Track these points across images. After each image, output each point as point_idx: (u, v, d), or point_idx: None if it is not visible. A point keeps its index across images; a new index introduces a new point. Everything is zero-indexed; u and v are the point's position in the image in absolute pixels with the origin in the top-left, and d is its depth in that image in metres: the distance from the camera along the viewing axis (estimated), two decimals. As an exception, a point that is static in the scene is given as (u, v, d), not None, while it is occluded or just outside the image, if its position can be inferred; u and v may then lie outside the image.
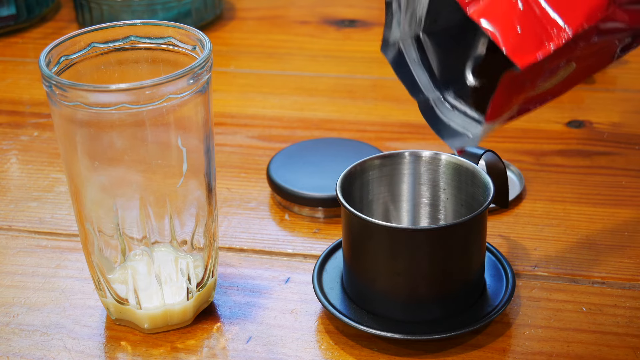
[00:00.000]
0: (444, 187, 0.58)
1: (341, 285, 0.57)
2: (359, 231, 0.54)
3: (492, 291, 0.56)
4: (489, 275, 0.57)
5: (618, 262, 0.60)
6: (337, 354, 0.54)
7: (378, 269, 0.54)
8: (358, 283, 0.55)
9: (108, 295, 0.55)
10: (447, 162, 0.57)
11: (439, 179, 0.58)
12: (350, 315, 0.54)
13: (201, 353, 0.54)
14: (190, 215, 0.54)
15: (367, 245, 0.53)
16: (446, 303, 0.54)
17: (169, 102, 0.50)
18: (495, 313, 0.54)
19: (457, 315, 0.54)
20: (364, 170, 0.57)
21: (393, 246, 0.53)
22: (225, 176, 0.71)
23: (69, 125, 0.51)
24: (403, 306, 0.54)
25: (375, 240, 0.53)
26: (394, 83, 0.86)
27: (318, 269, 0.58)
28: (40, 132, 0.79)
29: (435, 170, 0.58)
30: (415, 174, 0.58)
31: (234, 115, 0.81)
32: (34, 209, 0.69)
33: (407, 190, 0.59)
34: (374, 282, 0.54)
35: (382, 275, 0.54)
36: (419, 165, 0.58)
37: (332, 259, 0.59)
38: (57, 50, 0.52)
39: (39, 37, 0.98)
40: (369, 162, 0.57)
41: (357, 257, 0.54)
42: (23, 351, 0.55)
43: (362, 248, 0.54)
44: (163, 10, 0.93)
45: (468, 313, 0.54)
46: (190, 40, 0.54)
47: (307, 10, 1.03)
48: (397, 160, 0.58)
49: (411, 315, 0.54)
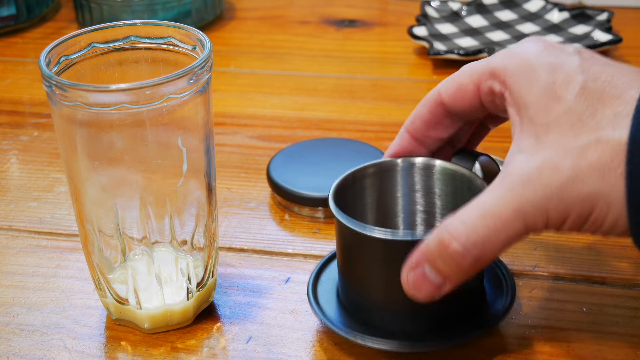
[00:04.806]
0: (439, 194, 0.57)
1: (337, 296, 0.56)
2: (352, 242, 0.53)
3: (492, 299, 0.55)
4: (487, 282, 0.56)
5: (618, 262, 0.60)
6: (337, 354, 0.54)
7: (373, 280, 0.53)
8: (353, 294, 0.54)
9: (108, 295, 0.55)
10: (441, 168, 0.56)
11: (434, 185, 0.57)
12: (347, 327, 0.53)
13: (201, 353, 0.54)
14: (190, 215, 0.55)
15: (361, 256, 0.52)
16: (443, 313, 0.53)
17: (169, 102, 0.50)
18: (494, 322, 0.53)
19: (456, 325, 0.53)
20: (356, 179, 0.56)
21: (388, 257, 0.52)
22: (225, 176, 0.71)
23: (69, 125, 0.51)
24: (399, 317, 0.53)
25: (369, 251, 0.52)
26: (394, 83, 0.86)
27: (313, 281, 0.57)
28: (40, 132, 0.79)
29: (430, 177, 0.56)
30: (410, 181, 0.57)
31: (234, 115, 0.81)
32: (34, 209, 0.69)
33: (402, 198, 0.58)
34: (369, 293, 0.53)
35: (378, 286, 0.53)
36: (413, 172, 0.57)
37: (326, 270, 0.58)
38: (57, 50, 0.52)
39: (39, 37, 0.98)
40: (362, 171, 0.56)
41: (351, 269, 0.54)
42: (23, 351, 0.55)
43: (356, 259, 0.53)
44: (163, 10, 0.93)
45: (467, 322, 0.53)
46: (190, 40, 0.54)
47: (307, 10, 1.03)
48: (391, 167, 0.57)
49: (409, 326, 0.53)
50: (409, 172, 0.57)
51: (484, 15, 0.97)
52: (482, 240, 0.46)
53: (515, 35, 0.93)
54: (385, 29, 0.99)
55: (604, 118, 0.46)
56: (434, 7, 0.97)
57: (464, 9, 0.97)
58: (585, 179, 0.45)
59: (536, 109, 0.47)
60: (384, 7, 1.04)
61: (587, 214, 0.46)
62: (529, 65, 0.48)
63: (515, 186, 0.46)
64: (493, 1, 0.99)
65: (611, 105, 0.46)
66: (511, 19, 0.96)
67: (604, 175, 0.45)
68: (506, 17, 0.97)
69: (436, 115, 0.54)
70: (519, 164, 0.47)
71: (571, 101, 0.47)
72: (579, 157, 0.45)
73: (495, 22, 0.96)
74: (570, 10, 0.95)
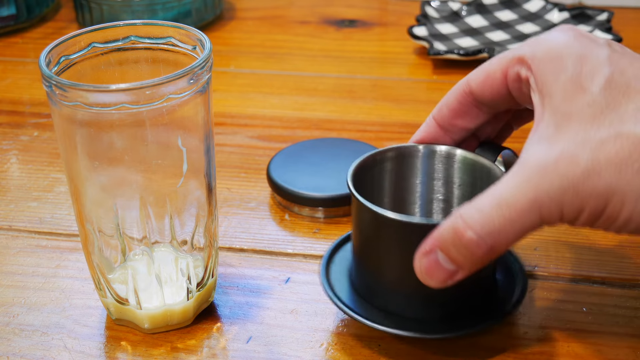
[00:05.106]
0: (458, 183, 0.56)
1: (349, 281, 0.56)
2: (370, 224, 0.52)
3: (503, 289, 0.55)
4: (500, 272, 0.56)
5: (618, 262, 0.60)
6: (337, 354, 0.54)
7: (389, 263, 0.53)
8: (367, 278, 0.54)
9: (108, 295, 0.55)
10: (462, 157, 0.56)
11: (454, 174, 0.56)
12: (361, 312, 0.53)
13: (201, 353, 0.54)
14: (190, 215, 0.55)
15: (379, 239, 0.52)
16: (456, 301, 0.53)
17: (169, 102, 0.50)
18: (506, 312, 0.53)
19: (468, 314, 0.53)
20: (376, 162, 0.56)
21: (406, 240, 0.51)
22: (225, 176, 0.71)
23: (69, 125, 0.51)
24: (412, 303, 0.53)
25: (388, 234, 0.52)
26: (394, 83, 0.86)
27: (325, 266, 0.57)
28: (40, 132, 0.79)
29: (450, 165, 0.56)
30: (430, 168, 0.57)
31: (234, 115, 0.81)
32: (34, 209, 0.69)
33: (420, 185, 0.57)
34: (384, 276, 0.53)
35: (393, 269, 0.53)
36: (434, 159, 0.56)
37: (336, 256, 0.58)
38: (57, 50, 0.52)
39: (39, 37, 0.98)
40: (382, 154, 0.56)
41: (368, 251, 0.53)
42: (23, 351, 0.55)
43: (373, 242, 0.53)
44: (163, 10, 0.93)
45: (478, 312, 0.53)
46: (190, 40, 0.54)
47: (307, 10, 1.03)
48: (412, 153, 0.56)
49: (421, 312, 0.53)
50: (429, 159, 0.56)
51: (484, 15, 0.97)
52: (497, 230, 0.46)
53: (515, 35, 0.93)
54: (385, 29, 0.99)
55: (626, 112, 0.45)
56: (434, 7, 0.97)
57: (464, 9, 0.97)
58: (602, 173, 0.45)
59: (560, 98, 0.47)
60: (384, 7, 1.04)
61: (602, 209, 0.45)
62: (557, 54, 0.48)
63: (532, 176, 0.46)
64: (493, 1, 0.99)
65: (635, 100, 0.45)
66: (511, 19, 0.96)
67: (621, 170, 0.44)
68: (506, 17, 0.97)
69: (464, 105, 0.53)
70: (536, 154, 0.46)
71: (595, 93, 0.46)
72: (598, 150, 0.45)
73: (495, 22, 0.96)
74: (570, 11, 0.95)
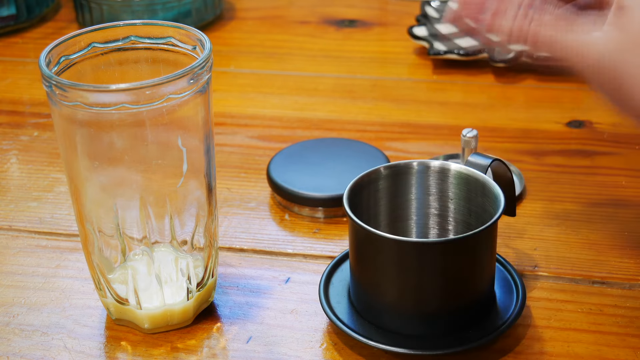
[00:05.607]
0: (452, 198, 0.57)
1: (348, 298, 0.56)
2: (367, 244, 0.53)
3: (502, 304, 0.55)
4: (498, 287, 0.56)
5: (618, 262, 0.60)
6: (337, 354, 0.54)
7: (386, 283, 0.53)
8: (366, 296, 0.54)
9: (108, 295, 0.55)
10: (456, 172, 0.56)
11: (448, 189, 0.57)
12: (358, 329, 0.53)
13: (201, 353, 0.54)
14: (190, 215, 0.55)
15: (376, 258, 0.52)
16: (456, 317, 0.53)
17: (169, 102, 0.50)
18: (505, 327, 0.53)
19: (467, 329, 0.53)
20: (371, 180, 0.56)
21: (402, 259, 0.52)
22: (225, 176, 0.71)
23: (69, 125, 0.51)
24: (412, 320, 0.53)
25: (384, 254, 0.52)
26: (394, 83, 0.86)
27: (324, 281, 0.57)
28: (40, 132, 0.79)
29: (444, 180, 0.57)
30: (424, 184, 0.57)
31: (234, 115, 0.81)
32: (34, 209, 0.69)
33: (416, 201, 0.58)
34: (382, 295, 0.53)
35: (391, 288, 0.53)
36: (428, 175, 0.57)
37: (338, 271, 0.58)
38: (57, 50, 0.52)
39: (39, 37, 0.98)
40: (377, 172, 0.56)
41: (365, 271, 0.54)
42: (23, 351, 0.55)
43: (370, 261, 0.53)
44: (163, 10, 0.93)
45: (478, 327, 0.53)
46: (190, 40, 0.54)
47: (307, 10, 1.03)
48: (405, 170, 0.57)
49: (420, 329, 0.53)
50: (423, 174, 0.57)
51: (484, 15, 0.97)
52: None
53: (515, 35, 0.93)
54: (385, 29, 0.98)
55: None
56: (434, 7, 0.97)
57: (464, 9, 0.97)
58: None
59: None
60: (384, 7, 1.04)
61: None
62: None
63: None
64: (493, 1, 0.98)
65: None
66: (511, 19, 0.96)
67: None
68: (506, 17, 0.97)
69: None
70: None
71: None
72: None
73: (495, 22, 0.96)
74: (570, 10, 0.95)
